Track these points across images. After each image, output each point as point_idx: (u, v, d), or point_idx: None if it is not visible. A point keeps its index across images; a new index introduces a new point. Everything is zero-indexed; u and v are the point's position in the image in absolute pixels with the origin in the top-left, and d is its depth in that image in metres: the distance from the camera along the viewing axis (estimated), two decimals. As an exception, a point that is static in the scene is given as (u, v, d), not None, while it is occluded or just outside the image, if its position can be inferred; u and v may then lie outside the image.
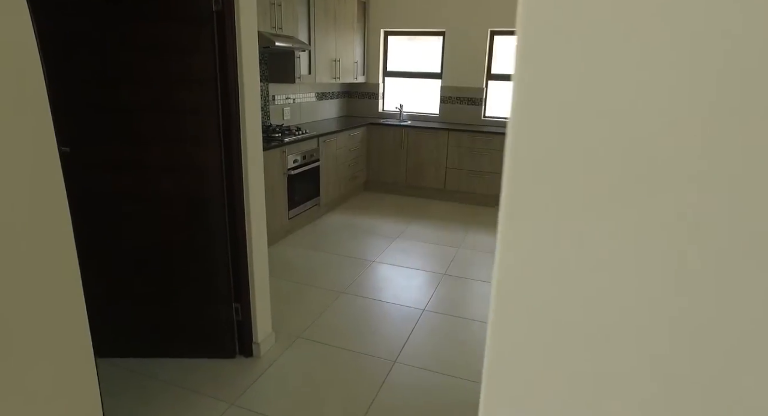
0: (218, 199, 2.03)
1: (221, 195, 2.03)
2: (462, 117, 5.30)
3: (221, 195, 2.03)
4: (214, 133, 1.94)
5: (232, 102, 1.92)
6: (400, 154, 5.10)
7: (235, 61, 1.90)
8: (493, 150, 4.73)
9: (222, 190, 2.02)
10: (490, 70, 5.15)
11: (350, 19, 4.86)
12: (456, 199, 5.08)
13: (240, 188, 2.04)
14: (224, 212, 2.05)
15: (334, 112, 5.49)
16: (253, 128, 2.05)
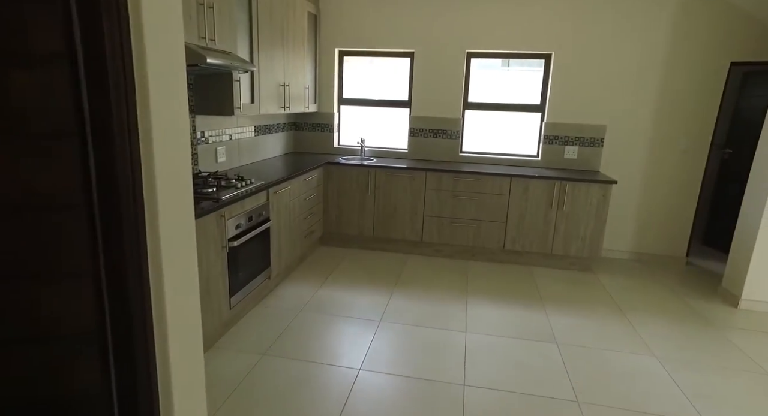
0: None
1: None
2: (435, 152, 4.49)
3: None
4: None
5: (134, 162, 0.88)
6: (366, 200, 4.14)
7: (130, 75, 0.86)
8: (479, 193, 3.93)
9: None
10: (466, 98, 4.41)
11: (300, 34, 3.89)
12: (436, 252, 4.20)
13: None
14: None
15: (279, 148, 4.43)
16: (177, 193, 1.00)
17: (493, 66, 4.48)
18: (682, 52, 3.87)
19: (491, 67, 4.49)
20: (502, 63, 4.46)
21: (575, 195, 3.78)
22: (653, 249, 4.30)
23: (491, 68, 4.49)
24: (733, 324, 3.10)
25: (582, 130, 4.17)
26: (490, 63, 4.46)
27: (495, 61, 4.46)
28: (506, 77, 4.51)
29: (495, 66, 4.48)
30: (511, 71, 4.50)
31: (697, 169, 4.08)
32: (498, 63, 4.48)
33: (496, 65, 4.47)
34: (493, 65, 4.48)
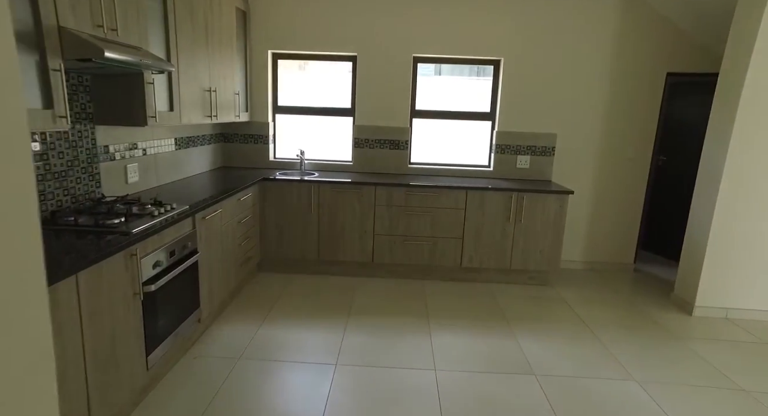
0: None
1: None
2: (382, 164, 4.15)
3: None
4: None
5: None
6: (309, 219, 3.70)
7: None
8: (433, 208, 3.65)
9: None
10: (414, 106, 4.13)
11: (227, 33, 3.39)
12: (389, 274, 3.84)
13: None
14: None
15: (206, 163, 3.86)
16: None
17: (443, 72, 4.26)
18: (624, 62, 3.88)
19: (439, 74, 4.26)
20: (452, 69, 4.25)
21: (532, 207, 3.62)
22: (603, 257, 4.27)
23: (439, 75, 4.26)
24: (694, 333, 3.05)
25: (534, 138, 4.05)
26: (442, 70, 4.23)
27: (444, 67, 4.24)
28: (454, 84, 4.30)
29: (445, 73, 4.26)
30: (456, 79, 4.31)
31: (641, 177, 4.12)
32: (447, 70, 4.27)
33: (445, 72, 4.26)
34: (443, 72, 4.25)
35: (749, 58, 2.94)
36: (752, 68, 2.95)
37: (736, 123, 3.04)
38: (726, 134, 3.10)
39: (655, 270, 4.32)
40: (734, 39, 3.09)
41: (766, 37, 2.90)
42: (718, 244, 3.23)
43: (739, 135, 3.05)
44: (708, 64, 3.86)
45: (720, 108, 3.18)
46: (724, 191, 3.14)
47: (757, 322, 3.27)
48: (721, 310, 3.32)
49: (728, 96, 3.10)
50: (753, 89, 2.98)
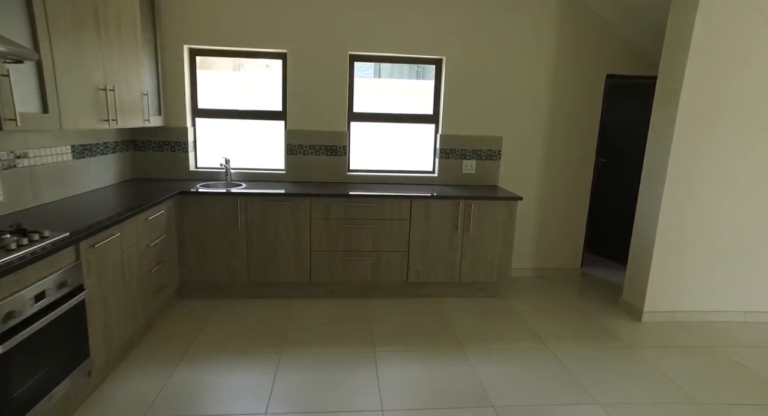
0: None
1: None
2: (319, 172, 3.79)
3: None
4: None
5: None
6: (236, 237, 3.25)
7: None
8: (376, 220, 3.33)
9: None
10: (351, 108, 3.80)
11: (128, 22, 2.88)
12: (329, 293, 3.48)
13: None
14: None
15: (109, 176, 3.30)
16: None
17: (384, 75, 3.97)
18: (566, 63, 3.79)
19: (379, 76, 3.97)
20: (393, 71, 3.97)
21: (481, 215, 3.40)
22: (552, 263, 4.17)
23: (379, 77, 3.97)
24: (646, 341, 2.95)
25: (479, 142, 3.86)
26: (383, 72, 3.94)
27: (385, 69, 3.95)
28: (396, 87, 4.03)
29: (385, 75, 3.97)
30: (398, 81, 4.04)
31: (585, 179, 4.05)
32: (387, 72, 3.98)
33: (385, 74, 3.97)
34: (383, 74, 3.96)
35: (685, 63, 2.89)
36: (688, 74, 2.91)
37: (677, 127, 2.99)
38: (667, 138, 3.04)
39: (601, 274, 4.27)
40: (669, 45, 3.05)
41: (700, 43, 2.87)
42: (664, 248, 3.17)
43: (680, 138, 3.00)
44: (645, 67, 3.85)
45: (660, 112, 3.13)
46: (668, 195, 3.09)
47: (700, 324, 3.24)
48: (667, 314, 3.27)
49: (667, 100, 3.05)
50: (691, 94, 2.94)
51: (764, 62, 2.94)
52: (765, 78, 2.96)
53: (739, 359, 2.76)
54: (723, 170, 3.08)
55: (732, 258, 3.23)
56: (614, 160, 4.51)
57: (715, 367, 2.66)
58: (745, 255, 3.24)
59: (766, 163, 3.10)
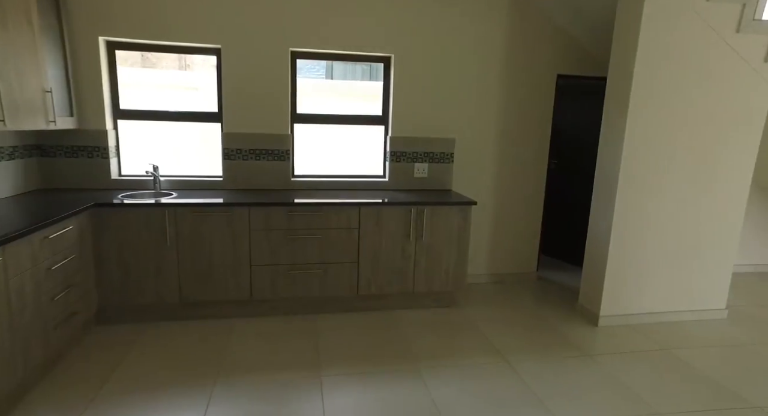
0: None
1: None
2: (260, 179, 3.48)
3: None
4: None
5: None
6: (165, 253, 2.90)
7: None
8: (323, 230, 3.08)
9: None
10: (295, 109, 3.53)
11: (21, 6, 2.47)
12: (273, 311, 3.19)
13: None
14: None
15: (5, 186, 2.86)
16: None
17: (335, 74, 3.72)
18: (517, 63, 3.68)
19: (332, 77, 3.73)
20: (345, 72, 3.73)
21: (434, 221, 3.22)
22: (507, 267, 4.06)
23: (332, 78, 3.72)
24: (604, 348, 2.87)
25: (431, 144, 3.68)
26: (335, 73, 3.69)
27: (337, 70, 3.71)
28: (348, 88, 3.79)
29: (337, 75, 3.72)
30: (350, 83, 3.81)
31: (539, 181, 3.97)
32: (340, 73, 3.74)
33: (338, 74, 3.72)
34: (335, 74, 3.71)
35: (633, 64, 2.84)
36: (637, 75, 2.85)
37: (627, 128, 2.93)
38: (618, 139, 2.98)
39: (558, 277, 4.21)
40: (617, 46, 2.99)
41: (646, 45, 2.82)
42: (618, 250, 3.11)
43: (630, 140, 2.95)
44: (596, 68, 3.82)
45: (611, 112, 3.07)
46: (621, 197, 3.02)
47: (654, 325, 3.21)
48: (622, 317, 3.22)
49: (618, 101, 2.98)
50: (640, 95, 2.89)
51: (706, 64, 2.94)
52: (708, 79, 2.96)
53: (693, 362, 2.72)
54: (670, 171, 3.06)
55: (679, 258, 3.22)
56: (567, 161, 4.48)
57: (671, 373, 2.60)
58: (690, 254, 3.24)
59: (709, 163, 3.11)
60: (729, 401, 2.35)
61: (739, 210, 3.24)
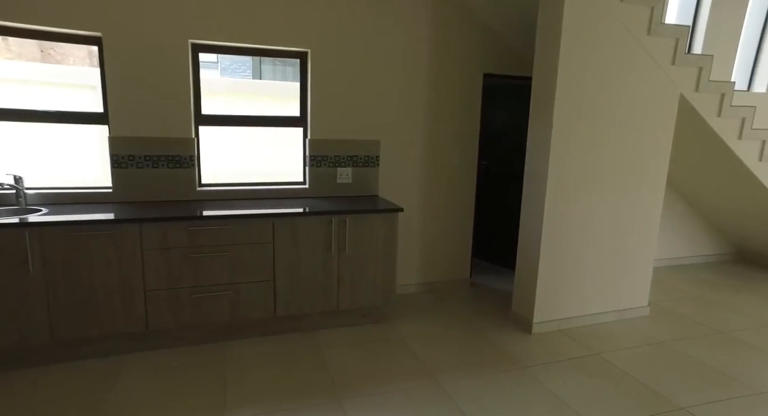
0: None
1: None
2: (160, 189, 3.03)
3: None
4: None
5: None
6: (28, 283, 2.38)
7: None
8: (232, 245, 2.71)
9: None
10: (199, 109, 3.11)
11: None
12: (175, 343, 2.76)
13: None
14: None
15: None
16: None
17: (264, 74, 3.34)
18: (442, 61, 3.53)
19: (260, 77, 3.34)
20: (273, 71, 3.36)
21: (358, 231, 2.96)
22: (439, 275, 3.90)
23: (260, 77, 3.34)
24: (538, 357, 2.75)
25: (354, 147, 3.42)
26: (263, 72, 3.30)
27: (266, 71, 3.33)
28: (271, 88, 3.43)
29: (266, 75, 3.35)
30: (279, 83, 3.46)
31: (469, 184, 3.85)
32: (269, 73, 3.37)
33: (266, 75, 3.34)
34: (263, 74, 3.33)
35: (557, 65, 2.77)
36: (561, 76, 2.78)
37: (554, 129, 2.85)
38: (546, 141, 2.90)
39: (491, 281, 4.12)
40: (541, 47, 2.92)
41: (569, 47, 2.76)
42: (549, 254, 3.03)
43: (558, 141, 2.87)
44: (522, 67, 3.76)
45: (538, 113, 2.98)
46: (550, 200, 2.94)
47: (584, 329, 3.17)
48: (554, 323, 3.15)
49: (544, 102, 2.90)
50: (565, 97, 2.82)
51: (626, 65, 2.94)
52: (627, 81, 2.97)
53: (622, 366, 2.68)
54: (596, 172, 3.03)
55: (605, 259, 3.22)
56: (498, 162, 4.42)
57: (602, 379, 2.53)
58: (615, 255, 3.25)
59: (630, 164, 3.13)
60: (656, 404, 2.31)
61: (657, 209, 3.30)
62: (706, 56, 3.20)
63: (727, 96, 3.39)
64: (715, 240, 4.97)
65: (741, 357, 2.84)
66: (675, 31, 3.03)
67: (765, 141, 3.67)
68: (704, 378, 2.59)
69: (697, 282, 4.30)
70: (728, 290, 4.09)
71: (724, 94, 3.37)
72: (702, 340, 3.06)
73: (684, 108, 3.32)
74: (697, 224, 4.83)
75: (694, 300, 3.83)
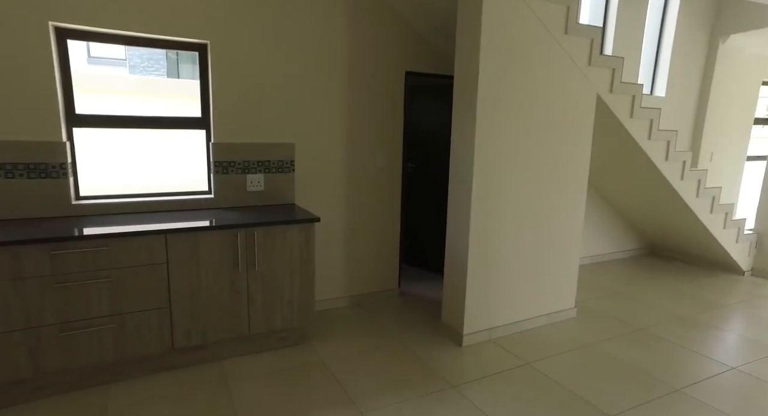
0: None
1: None
2: (20, 204, 2.50)
3: None
4: None
5: None
6: None
7: None
8: (112, 270, 2.26)
9: None
10: (72, 108, 2.62)
11: None
12: (37, 393, 2.25)
13: None
14: None
15: None
16: None
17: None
18: (361, 57, 3.29)
19: (178, 76, 2.88)
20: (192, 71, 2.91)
21: (269, 245, 2.63)
22: (366, 287, 3.65)
23: (178, 76, 2.87)
24: (470, 374, 2.59)
25: (266, 151, 3.08)
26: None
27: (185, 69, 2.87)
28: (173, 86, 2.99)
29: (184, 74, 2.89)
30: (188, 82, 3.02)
31: (395, 188, 3.64)
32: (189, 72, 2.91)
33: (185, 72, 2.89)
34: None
35: (477, 64, 2.63)
36: (482, 75, 2.65)
37: (477, 133, 2.71)
38: (470, 142, 2.76)
39: (421, 290, 3.94)
40: (461, 45, 2.78)
41: (490, 45, 2.64)
42: (477, 261, 2.89)
43: (482, 145, 2.74)
44: (445, 66, 3.62)
45: (461, 114, 2.84)
46: (476, 204, 2.80)
47: (514, 336, 3.08)
48: (485, 332, 3.02)
49: (466, 102, 2.76)
50: (488, 97, 2.70)
51: (546, 64, 2.88)
52: (548, 80, 2.91)
53: (552, 374, 2.58)
54: (521, 174, 2.94)
55: (533, 263, 3.15)
56: (425, 164, 4.26)
57: (534, 391, 2.41)
58: (542, 258, 3.19)
59: (553, 164, 3.08)
60: (585, 414, 2.22)
61: (580, 208, 3.29)
62: (617, 58, 3.25)
63: (637, 98, 3.47)
64: (631, 236, 5.20)
65: (661, 355, 2.87)
66: (589, 32, 3.02)
67: (669, 141, 3.83)
68: (629, 380, 2.56)
69: (618, 278, 4.42)
70: (644, 284, 4.24)
71: (635, 96, 3.45)
72: (625, 339, 3.08)
73: (600, 108, 3.35)
74: (615, 221, 5.01)
75: (616, 296, 3.91)
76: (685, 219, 4.42)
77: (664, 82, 4.99)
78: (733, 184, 5.87)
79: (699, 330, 3.27)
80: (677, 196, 4.08)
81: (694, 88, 5.26)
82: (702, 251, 4.80)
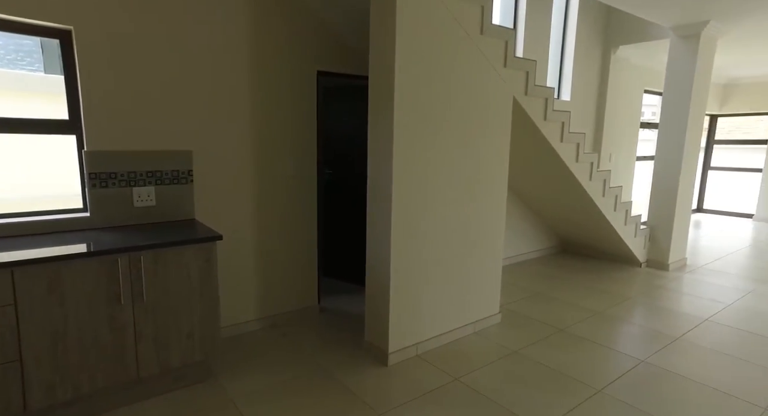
0: None
1: None
2: None
3: None
4: None
5: None
6: None
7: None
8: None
9: None
10: None
11: None
12: None
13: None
14: None
15: None
16: None
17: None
18: (268, 55, 2.97)
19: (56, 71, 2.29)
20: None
21: (160, 270, 2.22)
22: (282, 306, 3.32)
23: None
24: (397, 398, 2.38)
25: (157, 160, 2.64)
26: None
27: None
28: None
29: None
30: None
31: (310, 197, 3.35)
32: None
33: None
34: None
35: (393, 64, 2.45)
36: (399, 75, 2.47)
37: (396, 136, 2.52)
38: (388, 149, 2.56)
39: (343, 304, 3.68)
40: (375, 44, 2.58)
41: (405, 43, 2.47)
42: (400, 273, 2.70)
43: (401, 148, 2.56)
44: (360, 66, 3.41)
45: (377, 117, 2.63)
46: (398, 214, 2.61)
47: (442, 349, 2.94)
48: (411, 349, 2.85)
49: (382, 105, 2.56)
50: (405, 99, 2.52)
51: (464, 64, 2.78)
52: (465, 81, 2.81)
53: (480, 388, 2.47)
54: (442, 179, 2.81)
55: (456, 272, 3.04)
56: (342, 171, 4.02)
57: (462, 411, 2.26)
58: (465, 266, 3.10)
59: (473, 168, 3.00)
60: (522, 435, 2.11)
61: (501, 212, 3.25)
62: (531, 61, 3.26)
63: (550, 101, 3.53)
64: (546, 235, 5.38)
65: (582, 355, 2.89)
66: (503, 33, 2.98)
67: (578, 143, 3.96)
68: (556, 386, 2.52)
69: (537, 277, 4.51)
70: (561, 282, 4.37)
71: (548, 99, 3.51)
72: (548, 342, 3.08)
73: (516, 110, 3.35)
74: (532, 221, 5.14)
75: (536, 297, 3.96)
76: (593, 218, 4.63)
77: (569, 87, 5.24)
78: (627, 182, 6.37)
79: (611, 324, 3.38)
80: (587, 196, 4.25)
81: (593, 93, 5.60)
82: (608, 246, 5.09)
